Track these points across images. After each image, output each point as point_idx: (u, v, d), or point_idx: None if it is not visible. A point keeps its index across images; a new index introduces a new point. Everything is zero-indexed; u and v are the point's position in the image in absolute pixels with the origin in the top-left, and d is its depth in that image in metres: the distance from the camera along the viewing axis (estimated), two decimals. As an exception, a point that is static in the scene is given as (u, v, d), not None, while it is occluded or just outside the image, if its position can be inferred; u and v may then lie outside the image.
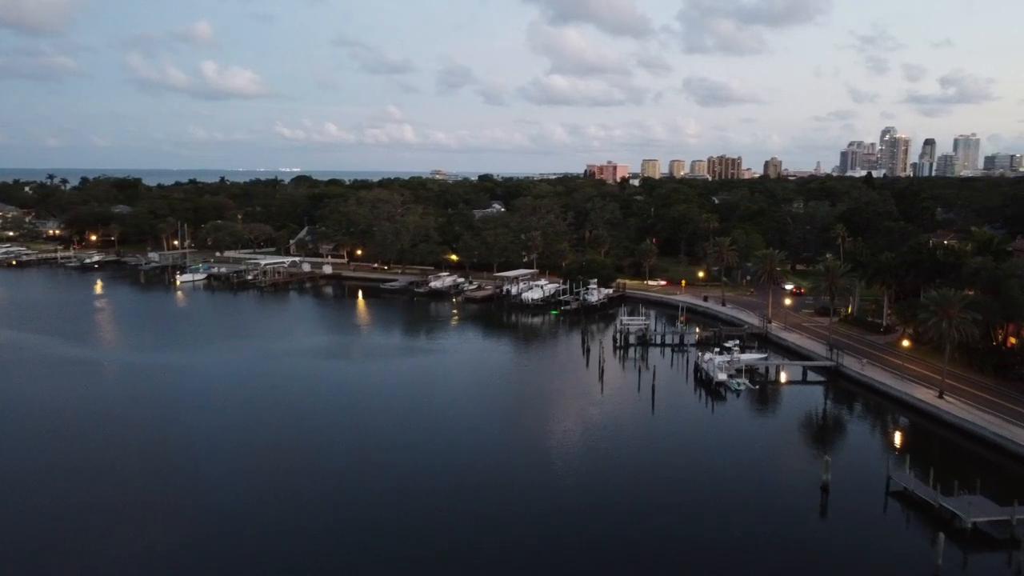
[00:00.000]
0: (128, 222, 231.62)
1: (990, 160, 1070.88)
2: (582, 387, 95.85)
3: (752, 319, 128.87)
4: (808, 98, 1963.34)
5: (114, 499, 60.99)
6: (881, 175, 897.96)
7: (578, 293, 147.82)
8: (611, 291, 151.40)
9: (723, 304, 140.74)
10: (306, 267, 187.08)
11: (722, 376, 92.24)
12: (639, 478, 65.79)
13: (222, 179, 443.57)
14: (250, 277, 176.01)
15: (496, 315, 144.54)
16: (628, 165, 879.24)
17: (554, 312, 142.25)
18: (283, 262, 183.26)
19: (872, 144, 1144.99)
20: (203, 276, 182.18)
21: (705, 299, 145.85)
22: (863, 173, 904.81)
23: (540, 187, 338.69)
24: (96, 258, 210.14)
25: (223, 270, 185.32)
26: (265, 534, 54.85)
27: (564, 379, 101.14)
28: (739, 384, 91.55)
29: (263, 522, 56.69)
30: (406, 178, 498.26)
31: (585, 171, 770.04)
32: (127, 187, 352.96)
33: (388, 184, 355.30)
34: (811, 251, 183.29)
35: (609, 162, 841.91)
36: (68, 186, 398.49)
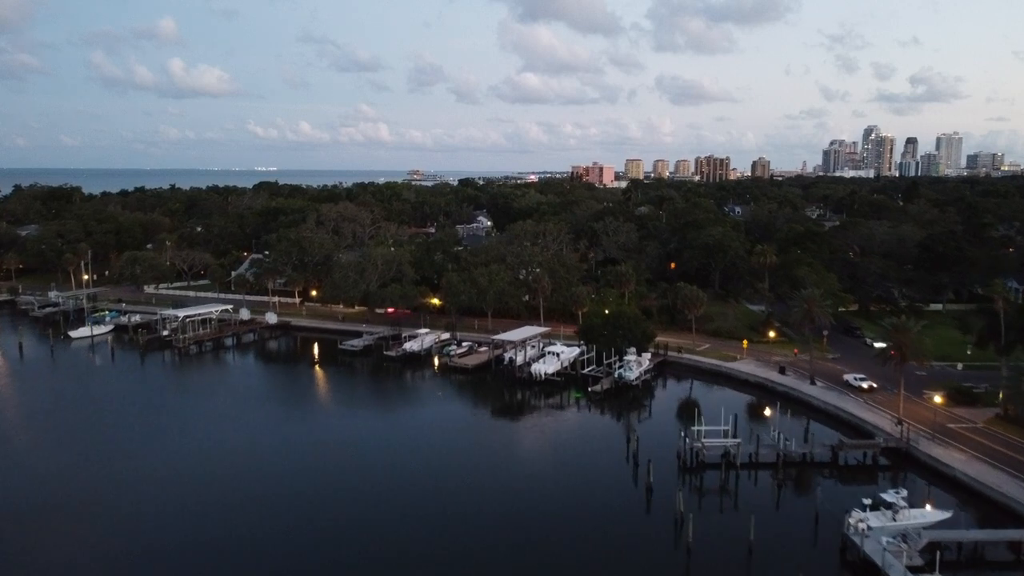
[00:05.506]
0: (30, 249, 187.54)
1: (972, 159, 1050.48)
2: (646, 559, 57.75)
3: (865, 412, 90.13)
4: (780, 97, 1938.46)
5: None
6: (871, 175, 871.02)
7: (609, 364, 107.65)
8: (651, 357, 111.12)
9: (811, 382, 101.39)
10: (244, 314, 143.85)
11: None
12: None
13: (172, 186, 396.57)
14: (166, 333, 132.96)
15: (494, 395, 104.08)
16: (613, 166, 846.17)
17: (577, 395, 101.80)
18: (211, 312, 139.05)
19: (855, 143, 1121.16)
20: (107, 328, 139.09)
21: (782, 371, 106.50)
22: (851, 173, 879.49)
23: (530, 196, 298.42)
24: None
25: (136, 319, 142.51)
26: None
27: (614, 541, 61.01)
28: (946, 599, 52.24)
29: None
30: (382, 180, 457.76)
31: (571, 172, 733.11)
32: (59, 198, 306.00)
33: (360, 193, 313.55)
34: (884, 289, 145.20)
35: (595, 163, 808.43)
36: (0, 194, 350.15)
